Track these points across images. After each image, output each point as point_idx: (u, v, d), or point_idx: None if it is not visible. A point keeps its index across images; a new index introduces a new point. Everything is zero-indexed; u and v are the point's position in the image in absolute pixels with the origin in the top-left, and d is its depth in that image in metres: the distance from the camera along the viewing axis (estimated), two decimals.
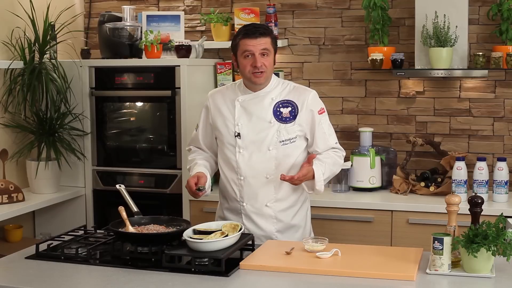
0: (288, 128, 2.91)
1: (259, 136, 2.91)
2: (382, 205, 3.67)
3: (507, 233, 2.30)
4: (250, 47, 2.84)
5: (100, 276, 2.44)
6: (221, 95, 3.04)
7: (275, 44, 2.91)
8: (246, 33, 2.85)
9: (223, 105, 3.00)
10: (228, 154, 2.97)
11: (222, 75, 4.29)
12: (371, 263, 2.46)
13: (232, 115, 2.96)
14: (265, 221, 2.95)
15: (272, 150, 2.91)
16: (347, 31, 4.22)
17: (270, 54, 2.87)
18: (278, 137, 2.90)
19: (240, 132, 2.93)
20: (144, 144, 4.16)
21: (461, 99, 4.04)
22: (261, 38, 2.83)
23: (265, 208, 2.95)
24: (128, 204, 2.87)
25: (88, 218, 4.20)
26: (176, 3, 4.56)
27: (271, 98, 2.93)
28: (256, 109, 2.93)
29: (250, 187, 2.94)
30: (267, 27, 2.95)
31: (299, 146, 2.94)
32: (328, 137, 2.96)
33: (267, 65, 2.86)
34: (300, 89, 2.99)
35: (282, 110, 2.91)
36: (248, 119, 2.93)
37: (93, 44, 4.66)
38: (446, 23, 3.78)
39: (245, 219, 2.96)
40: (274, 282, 2.36)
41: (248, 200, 2.95)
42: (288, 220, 2.98)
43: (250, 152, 2.92)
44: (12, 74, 3.97)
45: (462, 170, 3.67)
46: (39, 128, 4.04)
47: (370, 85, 4.19)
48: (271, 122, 2.91)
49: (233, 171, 2.96)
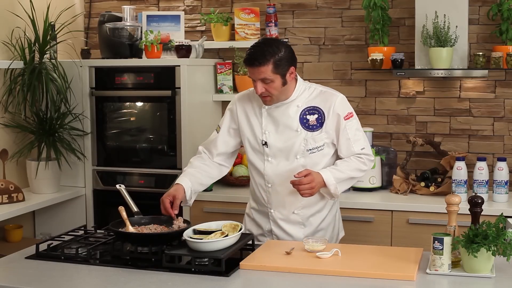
0: (315, 137, 2.85)
1: (286, 145, 2.86)
2: (382, 205, 3.67)
3: (507, 233, 2.31)
4: (250, 74, 2.78)
5: (100, 276, 2.44)
6: (249, 100, 2.96)
7: (279, 68, 2.74)
8: (246, 60, 2.77)
9: (250, 111, 2.94)
10: (256, 160, 2.94)
11: (222, 75, 4.29)
12: (371, 263, 2.46)
13: (260, 122, 2.91)
14: (293, 227, 2.93)
15: (300, 158, 2.86)
16: (347, 31, 4.22)
17: (274, 80, 2.75)
18: (306, 145, 2.85)
19: (267, 141, 2.89)
20: (144, 144, 4.16)
21: (461, 99, 4.04)
22: (258, 68, 2.73)
23: (292, 215, 2.92)
24: (128, 204, 2.87)
25: (88, 218, 4.20)
26: (176, 3, 4.56)
27: (296, 106, 2.86)
28: (283, 117, 2.87)
29: (278, 195, 2.91)
30: (268, 53, 2.73)
31: (326, 153, 2.88)
32: (352, 143, 2.85)
33: (271, 90, 2.77)
34: (327, 93, 2.90)
35: (308, 117, 2.85)
36: (275, 128, 2.88)
37: (93, 44, 4.66)
38: (446, 23, 3.78)
39: (273, 225, 2.96)
40: (274, 282, 2.36)
41: (275, 207, 2.93)
42: (316, 225, 2.95)
43: (278, 160, 2.89)
44: (12, 74, 3.97)
45: (462, 170, 3.67)
46: (39, 128, 4.04)
47: (370, 85, 4.19)
48: (298, 130, 2.85)
49: (261, 177, 2.94)
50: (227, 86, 4.29)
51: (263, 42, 2.83)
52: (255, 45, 2.79)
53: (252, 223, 3.04)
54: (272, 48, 2.74)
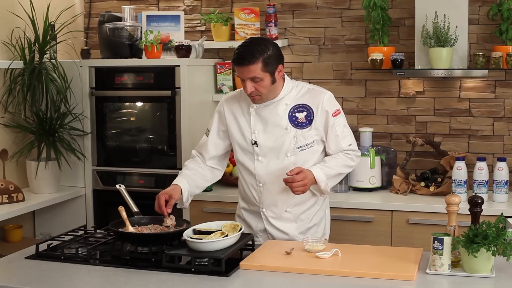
0: (305, 134, 2.87)
1: (276, 143, 2.88)
2: (382, 205, 3.67)
3: (507, 233, 2.31)
4: (239, 73, 2.79)
5: (100, 276, 2.44)
6: (236, 101, 2.98)
7: (268, 66, 2.75)
8: (234, 60, 2.79)
9: (238, 112, 2.95)
10: (246, 160, 2.94)
11: (222, 75, 4.29)
12: (371, 263, 2.46)
13: (248, 122, 2.92)
14: (286, 225, 2.94)
15: (290, 156, 2.87)
16: (347, 31, 4.22)
17: (263, 78, 2.76)
18: (296, 143, 2.86)
19: (257, 140, 2.90)
20: (144, 144, 4.16)
21: (461, 99, 4.04)
22: (248, 67, 2.74)
23: (284, 213, 2.94)
24: (128, 204, 2.87)
25: (88, 218, 4.20)
26: (176, 3, 4.56)
27: (285, 104, 2.88)
28: (271, 116, 2.88)
29: (269, 194, 2.92)
30: (256, 51, 2.74)
31: (316, 150, 2.91)
32: (340, 139, 2.89)
33: (261, 89, 2.79)
34: (315, 91, 2.92)
35: (297, 115, 2.87)
36: (264, 127, 2.89)
37: (93, 44, 4.66)
38: (446, 23, 3.78)
39: (266, 224, 2.96)
40: (274, 282, 2.36)
41: (267, 206, 2.94)
42: (307, 221, 2.97)
43: (268, 159, 2.90)
44: (12, 74, 3.97)
45: (462, 170, 3.67)
46: (39, 128, 4.04)
47: (370, 85, 4.19)
48: (287, 128, 2.87)
49: (252, 177, 2.94)
50: (227, 86, 4.29)
51: (251, 42, 2.84)
52: (243, 45, 2.81)
53: (243, 223, 3.02)
54: (260, 47, 2.76)
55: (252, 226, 3.02)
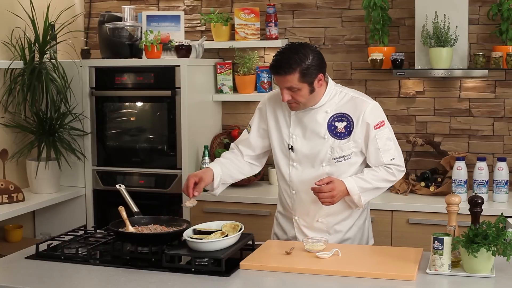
0: (343, 145, 2.73)
1: (312, 151, 2.76)
2: (382, 205, 3.67)
3: (507, 233, 2.31)
4: (276, 81, 2.68)
5: (100, 276, 2.44)
6: (279, 100, 2.79)
7: (306, 77, 2.61)
8: (271, 67, 2.66)
9: (280, 112, 2.84)
10: (282, 165, 2.84)
11: (222, 75, 4.29)
12: (371, 263, 2.46)
13: (288, 125, 2.81)
14: (318, 235, 2.78)
15: (326, 166, 2.76)
16: (347, 31, 4.22)
17: (300, 89, 2.63)
18: (332, 154, 2.74)
19: (294, 145, 2.79)
20: (144, 144, 4.16)
21: (461, 99, 4.04)
22: (284, 77, 2.61)
23: (316, 223, 2.83)
24: (128, 204, 2.87)
25: (88, 218, 4.20)
26: (176, 3, 4.56)
27: (325, 112, 2.75)
28: (310, 122, 2.76)
29: (302, 202, 2.82)
30: (293, 61, 2.59)
31: (354, 162, 2.77)
32: (381, 153, 2.73)
33: (298, 98, 2.66)
34: (358, 100, 2.76)
35: (337, 124, 2.73)
36: (303, 132, 2.78)
37: (93, 44, 4.66)
38: (446, 23, 3.78)
39: (297, 231, 2.88)
40: (274, 282, 2.36)
41: (299, 214, 2.85)
42: (342, 233, 2.85)
43: (303, 166, 2.79)
44: (12, 74, 3.97)
45: (462, 170, 3.67)
46: (39, 128, 4.04)
47: (370, 85, 4.19)
48: (325, 137, 2.74)
49: (285, 183, 2.85)
50: (227, 86, 4.29)
51: (290, 48, 2.66)
52: (281, 52, 2.66)
53: (278, 227, 2.97)
54: (298, 56, 2.60)
55: (286, 231, 2.94)
